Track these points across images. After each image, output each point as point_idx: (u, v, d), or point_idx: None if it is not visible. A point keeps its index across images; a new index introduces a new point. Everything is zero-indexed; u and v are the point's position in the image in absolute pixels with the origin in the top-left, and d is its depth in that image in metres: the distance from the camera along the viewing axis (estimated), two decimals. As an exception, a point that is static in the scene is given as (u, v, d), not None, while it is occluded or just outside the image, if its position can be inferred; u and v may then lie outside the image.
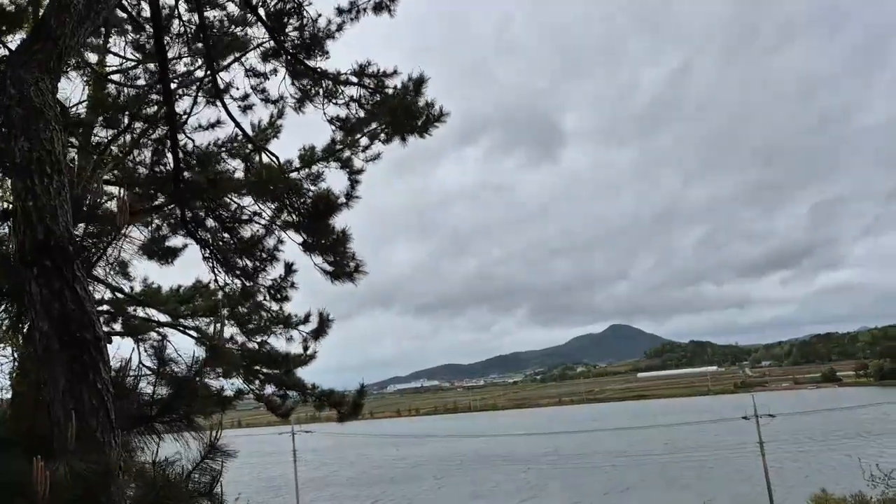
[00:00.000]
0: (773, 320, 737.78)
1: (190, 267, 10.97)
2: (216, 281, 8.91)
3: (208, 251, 8.11)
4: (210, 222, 8.00)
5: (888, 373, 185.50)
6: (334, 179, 9.88)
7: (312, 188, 8.83)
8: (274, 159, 9.27)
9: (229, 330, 11.99)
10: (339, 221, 8.44)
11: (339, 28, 8.98)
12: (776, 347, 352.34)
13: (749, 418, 53.08)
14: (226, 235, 8.05)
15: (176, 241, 10.46)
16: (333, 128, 9.54)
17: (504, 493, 65.79)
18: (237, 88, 10.07)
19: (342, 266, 8.28)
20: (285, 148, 10.27)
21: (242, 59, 9.48)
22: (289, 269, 9.62)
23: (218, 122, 10.04)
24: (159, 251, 10.77)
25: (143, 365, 11.42)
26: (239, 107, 10.37)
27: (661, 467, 73.18)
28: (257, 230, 8.23)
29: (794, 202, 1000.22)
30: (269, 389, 11.18)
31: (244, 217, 7.93)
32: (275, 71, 9.53)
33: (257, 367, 11.02)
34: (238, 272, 8.54)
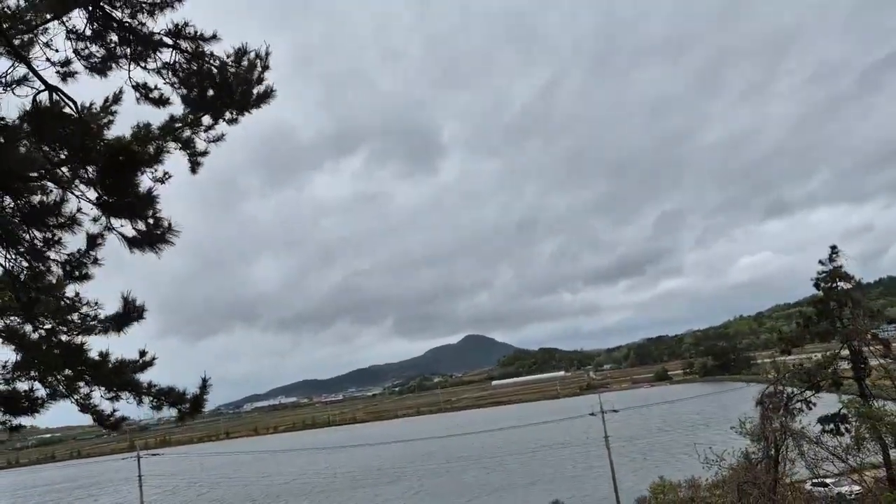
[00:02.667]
0: (615, 326, 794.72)
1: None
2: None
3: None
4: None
5: (711, 369, 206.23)
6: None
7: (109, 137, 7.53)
8: (70, 103, 7.87)
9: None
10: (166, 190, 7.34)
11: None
12: (616, 351, 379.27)
13: (596, 414, 56.16)
14: (7, 200, 6.58)
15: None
16: (138, 95, 8.37)
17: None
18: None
19: (151, 232, 7.13)
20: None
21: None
22: (93, 241, 8.13)
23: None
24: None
25: None
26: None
27: (519, 468, 75.49)
28: (51, 190, 6.81)
29: (640, 214, 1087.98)
30: (97, 393, 9.57)
31: (33, 175, 6.51)
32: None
33: (81, 368, 9.46)
34: (23, 248, 7.04)
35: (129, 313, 8.77)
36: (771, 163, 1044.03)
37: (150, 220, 7.28)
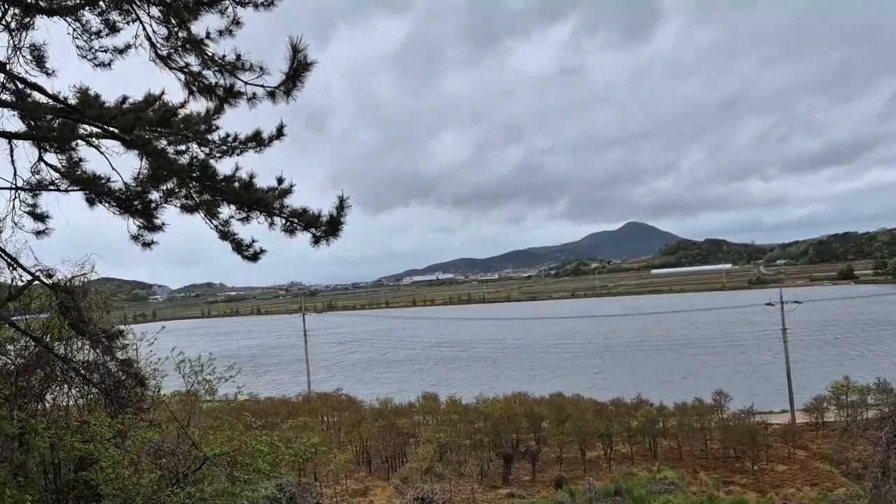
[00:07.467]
0: (795, 221, 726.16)
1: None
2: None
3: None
4: None
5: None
6: None
7: None
8: None
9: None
10: None
11: None
12: (792, 246, 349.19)
13: (774, 304, 51.17)
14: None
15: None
16: None
17: (552, 375, 64.50)
18: None
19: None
20: None
21: None
22: None
23: None
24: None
25: (48, 164, 8.78)
26: None
27: (686, 357, 72.13)
28: None
29: (870, 91, 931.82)
30: (227, 211, 8.71)
31: None
32: None
33: (211, 181, 8.53)
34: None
35: (299, 73, 7.46)
36: None
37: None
